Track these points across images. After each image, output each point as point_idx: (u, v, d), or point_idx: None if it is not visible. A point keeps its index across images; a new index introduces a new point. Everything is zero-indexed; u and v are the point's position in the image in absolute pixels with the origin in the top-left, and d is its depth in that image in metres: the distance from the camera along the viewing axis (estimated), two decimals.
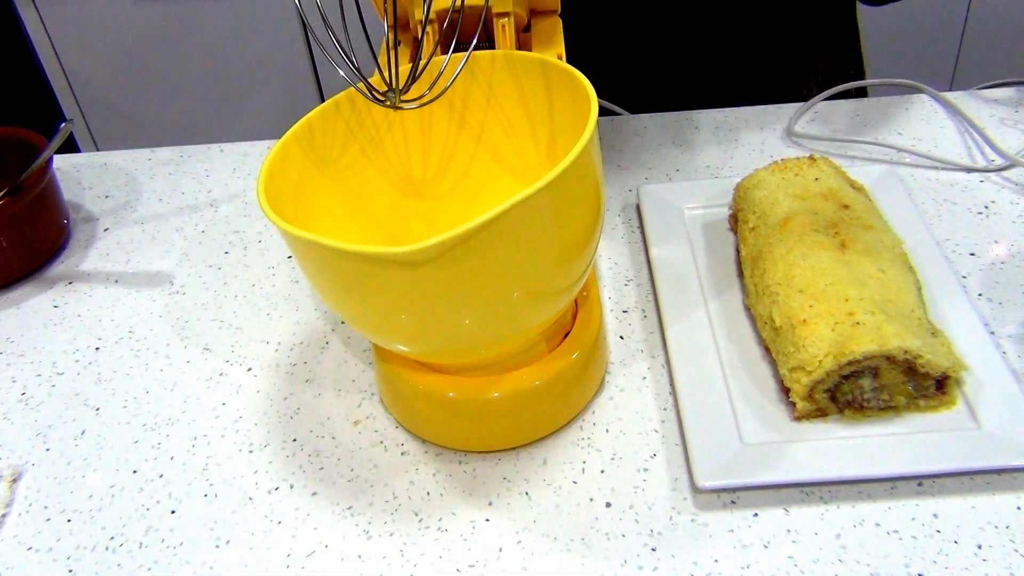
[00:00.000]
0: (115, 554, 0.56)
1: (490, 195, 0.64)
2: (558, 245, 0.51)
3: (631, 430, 0.60)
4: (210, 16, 1.62)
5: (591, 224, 0.53)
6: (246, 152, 0.92)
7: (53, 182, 0.80)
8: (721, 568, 0.52)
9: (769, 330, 0.61)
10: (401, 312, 0.50)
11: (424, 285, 0.47)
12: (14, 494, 0.60)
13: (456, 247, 0.45)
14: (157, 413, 0.65)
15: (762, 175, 0.69)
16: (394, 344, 0.55)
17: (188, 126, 1.79)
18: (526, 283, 0.51)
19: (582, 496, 0.56)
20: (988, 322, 0.64)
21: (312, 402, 0.65)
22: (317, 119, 0.58)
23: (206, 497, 0.59)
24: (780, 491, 0.55)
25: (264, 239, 0.80)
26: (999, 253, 0.70)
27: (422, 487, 0.58)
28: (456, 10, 0.56)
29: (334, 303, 0.53)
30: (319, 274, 0.51)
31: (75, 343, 0.72)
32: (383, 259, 0.46)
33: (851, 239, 0.61)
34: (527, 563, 0.53)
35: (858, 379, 0.56)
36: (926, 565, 0.51)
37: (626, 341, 0.66)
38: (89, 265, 0.80)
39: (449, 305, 0.49)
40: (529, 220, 0.47)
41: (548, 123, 0.61)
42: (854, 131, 0.84)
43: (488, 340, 0.54)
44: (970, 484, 0.54)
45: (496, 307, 0.51)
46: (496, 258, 0.47)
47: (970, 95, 0.87)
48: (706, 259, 0.70)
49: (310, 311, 0.72)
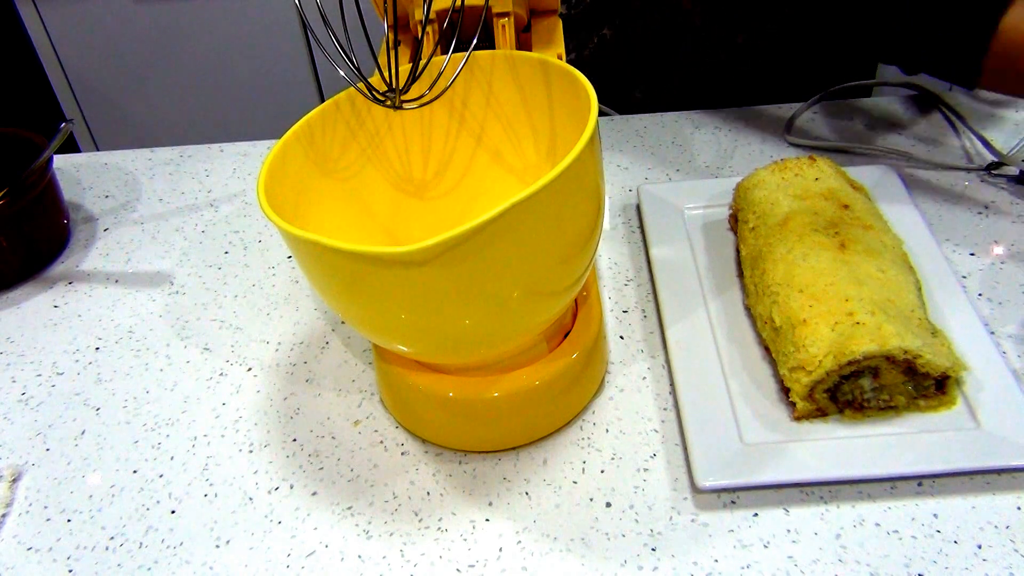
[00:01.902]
0: (115, 554, 0.56)
1: (490, 195, 0.64)
2: (558, 244, 0.51)
3: (631, 430, 0.60)
4: (210, 16, 1.62)
5: (591, 223, 0.53)
6: (246, 152, 0.92)
7: (53, 182, 0.80)
8: (721, 568, 0.52)
9: (769, 330, 0.61)
10: (401, 312, 0.50)
11: (425, 284, 0.47)
12: (14, 494, 0.60)
13: (457, 247, 0.45)
14: (157, 413, 0.65)
15: (762, 175, 0.69)
16: (394, 344, 0.55)
17: (188, 126, 1.79)
18: (527, 283, 0.51)
19: (582, 496, 0.56)
20: (988, 322, 0.64)
21: (312, 402, 0.65)
22: (317, 119, 0.58)
23: (206, 497, 0.59)
24: (780, 491, 0.55)
25: (264, 239, 0.80)
26: (999, 253, 0.70)
27: (422, 487, 0.58)
28: (456, 10, 0.56)
29: (334, 303, 0.53)
30: (319, 274, 0.51)
31: (75, 343, 0.72)
32: (383, 259, 0.46)
33: (851, 239, 0.61)
34: (527, 563, 0.53)
35: (858, 379, 0.56)
36: (926, 565, 0.51)
37: (626, 341, 0.66)
38: (89, 265, 0.80)
39: (450, 305, 0.49)
40: (530, 219, 0.47)
41: (548, 123, 0.61)
42: (854, 131, 0.84)
43: (488, 340, 0.54)
44: (970, 484, 0.54)
45: (496, 307, 0.51)
46: (497, 258, 0.47)
47: (971, 96, 0.87)
48: (706, 259, 0.70)
49: (310, 311, 0.72)
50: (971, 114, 0.84)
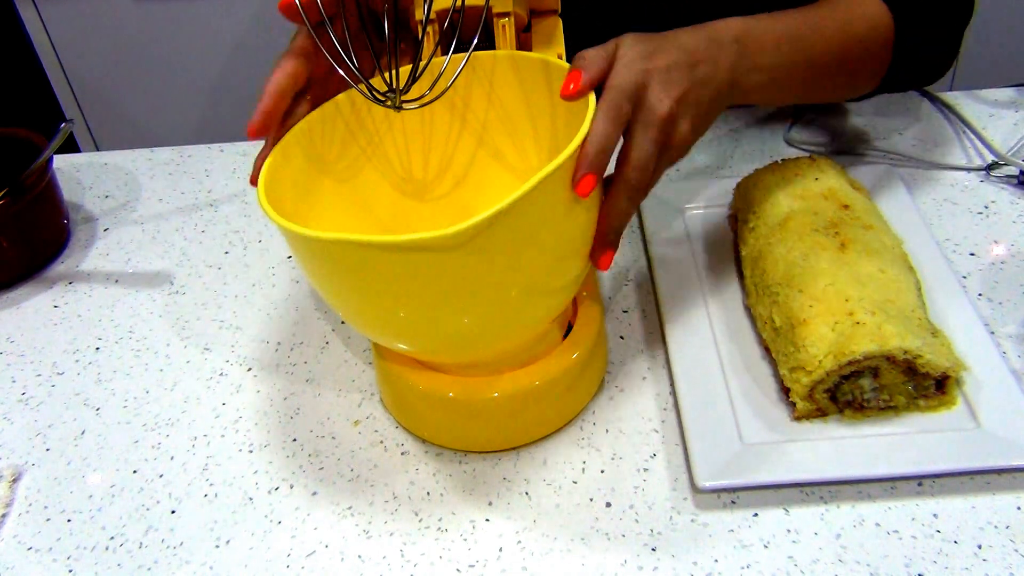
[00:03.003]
0: (115, 554, 0.56)
1: (491, 195, 0.64)
2: (571, 235, 0.51)
3: (631, 430, 0.60)
4: (210, 16, 1.62)
5: (593, 217, 0.53)
6: (246, 152, 0.92)
7: (53, 182, 0.80)
8: (721, 568, 0.52)
9: (769, 330, 0.61)
10: (405, 308, 0.50)
11: (437, 275, 0.47)
12: (14, 494, 0.60)
13: (481, 234, 0.45)
14: (157, 413, 0.65)
15: (762, 175, 0.69)
16: (396, 342, 0.55)
17: (188, 126, 1.78)
18: (531, 278, 0.51)
19: (582, 496, 0.56)
20: (988, 322, 0.64)
21: (312, 402, 0.65)
22: (317, 119, 0.58)
23: (206, 497, 0.59)
24: (780, 491, 0.55)
25: (264, 239, 0.80)
26: (999, 253, 0.70)
27: (422, 487, 0.58)
28: (456, 10, 0.56)
29: (335, 300, 0.53)
30: (320, 271, 0.51)
31: (75, 343, 0.72)
32: (387, 247, 0.46)
33: (851, 239, 0.61)
34: (527, 563, 0.53)
35: (858, 379, 0.56)
36: (926, 565, 0.51)
37: (626, 341, 0.66)
38: (89, 265, 0.80)
39: (457, 297, 0.49)
40: (550, 199, 0.47)
41: (550, 124, 0.61)
42: (854, 131, 0.84)
43: (492, 335, 0.54)
44: (970, 484, 0.54)
45: (501, 301, 0.51)
46: (503, 250, 0.48)
47: (970, 96, 0.87)
48: (706, 259, 0.70)
49: (310, 311, 0.72)
50: (971, 114, 0.84)
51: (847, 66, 0.69)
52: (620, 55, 0.55)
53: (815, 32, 0.66)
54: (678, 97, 0.55)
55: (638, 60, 0.54)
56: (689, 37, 0.58)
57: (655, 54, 0.55)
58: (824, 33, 0.66)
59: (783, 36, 0.63)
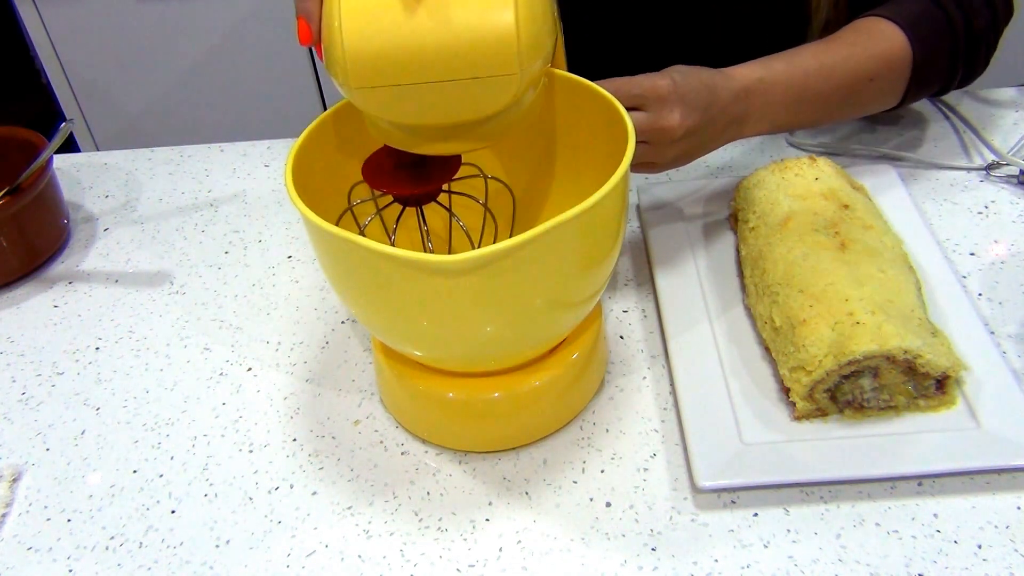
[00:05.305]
0: (115, 554, 0.56)
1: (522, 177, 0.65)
2: (589, 259, 0.51)
3: (631, 430, 0.60)
4: (210, 16, 1.62)
5: (613, 244, 0.53)
6: (246, 152, 0.92)
7: (53, 182, 0.80)
8: (721, 568, 0.52)
9: (769, 330, 0.61)
10: (423, 320, 0.50)
11: (454, 295, 0.47)
12: (14, 494, 0.60)
13: (494, 262, 0.46)
14: (157, 413, 0.65)
15: (762, 175, 0.69)
16: (409, 350, 0.56)
17: (188, 126, 1.78)
18: (551, 297, 0.51)
19: (582, 496, 0.56)
20: (988, 322, 0.64)
21: (312, 402, 0.65)
22: (346, 104, 0.57)
23: (206, 497, 0.59)
24: (780, 491, 0.55)
25: (264, 239, 0.80)
26: (999, 253, 0.70)
27: (422, 487, 0.58)
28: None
29: (354, 303, 0.53)
30: (347, 274, 0.51)
31: (75, 343, 0.72)
32: (416, 265, 0.46)
33: (851, 239, 0.61)
34: (527, 563, 0.53)
35: (858, 379, 0.56)
36: (926, 565, 0.51)
37: (626, 341, 0.66)
38: (89, 265, 0.80)
39: (479, 316, 0.50)
40: (566, 238, 0.47)
41: (572, 140, 0.61)
42: (854, 131, 0.84)
43: (507, 351, 0.55)
44: (970, 484, 0.54)
45: (522, 320, 0.51)
46: (530, 272, 0.48)
47: (970, 96, 0.87)
48: (706, 259, 0.70)
49: (310, 311, 0.72)
50: (971, 114, 0.84)
51: (859, 102, 0.73)
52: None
53: (827, 81, 0.69)
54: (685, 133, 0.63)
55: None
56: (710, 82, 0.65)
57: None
58: (835, 79, 0.70)
59: (792, 92, 0.68)
